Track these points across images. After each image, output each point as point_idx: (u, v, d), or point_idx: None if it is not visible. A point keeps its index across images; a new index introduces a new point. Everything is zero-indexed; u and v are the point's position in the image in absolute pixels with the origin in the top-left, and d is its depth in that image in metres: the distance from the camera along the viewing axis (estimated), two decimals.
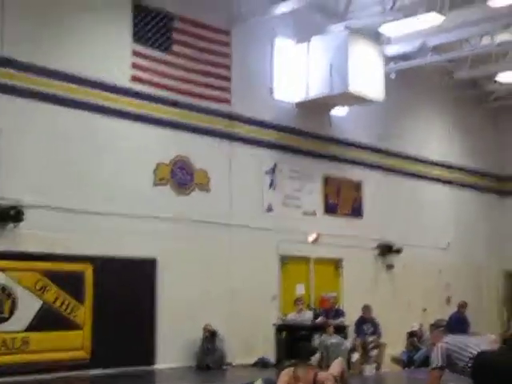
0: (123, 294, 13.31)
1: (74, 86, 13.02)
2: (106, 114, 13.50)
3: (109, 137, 13.57)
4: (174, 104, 14.61)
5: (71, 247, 12.63)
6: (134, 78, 13.97)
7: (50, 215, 12.44)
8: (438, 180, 20.96)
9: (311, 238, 16.97)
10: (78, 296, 12.76)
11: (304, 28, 17.00)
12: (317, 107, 17.27)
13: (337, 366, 8.61)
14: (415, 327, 15.27)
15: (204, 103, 15.18)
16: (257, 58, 16.49)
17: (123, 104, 13.78)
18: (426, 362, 14.51)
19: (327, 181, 17.81)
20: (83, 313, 12.76)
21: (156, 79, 14.31)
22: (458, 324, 16.81)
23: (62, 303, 12.52)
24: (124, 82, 13.81)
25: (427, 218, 20.28)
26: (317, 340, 13.99)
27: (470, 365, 6.88)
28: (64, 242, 12.50)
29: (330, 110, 17.84)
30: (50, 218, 12.43)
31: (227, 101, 15.64)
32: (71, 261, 12.69)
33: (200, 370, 13.72)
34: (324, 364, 12.20)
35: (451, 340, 7.19)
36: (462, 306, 17.10)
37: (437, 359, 7.03)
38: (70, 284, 12.65)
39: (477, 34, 17.64)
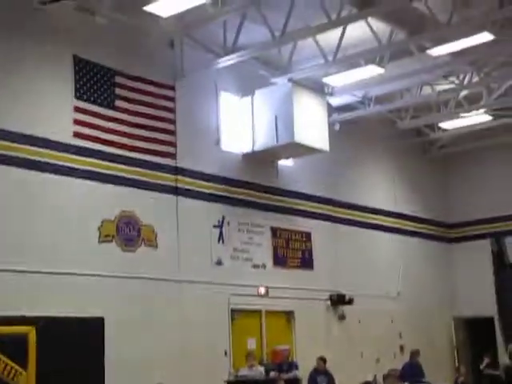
0: (69, 356, 12.75)
1: (11, 143, 12.73)
2: (48, 171, 13.18)
3: (51, 194, 13.25)
4: (118, 159, 14.42)
5: (12, 308, 12.20)
6: (77, 134, 13.74)
7: None
8: (386, 229, 21.10)
9: (261, 290, 16.83)
10: (21, 360, 12.22)
11: (248, 81, 17.17)
12: (263, 158, 17.34)
13: None
14: (369, 377, 15.11)
15: (149, 158, 15.03)
16: (202, 111, 16.50)
17: (66, 160, 13.49)
18: None
19: (276, 232, 17.75)
20: (26, 378, 12.25)
21: (99, 135, 14.11)
22: (411, 372, 16.79)
23: (4, 369, 11.97)
24: (66, 138, 13.59)
25: (377, 267, 20.34)
26: None
27: None
28: (4, 302, 12.07)
29: (276, 162, 17.92)
30: None
31: (172, 155, 15.54)
32: (12, 323, 12.22)
33: None
34: None
35: None
36: (415, 353, 17.10)
37: None
38: (12, 348, 12.12)
39: (417, 83, 18.10)
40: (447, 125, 20.91)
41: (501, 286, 21.51)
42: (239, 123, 17.14)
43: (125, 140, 14.57)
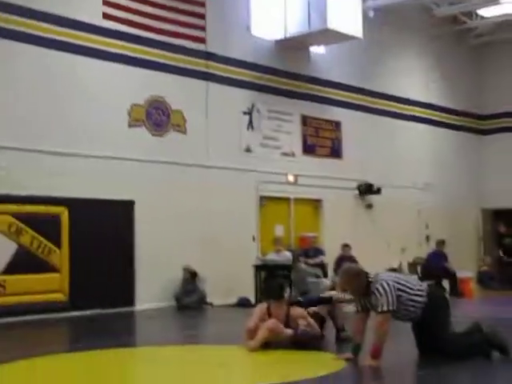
0: (100, 237, 13.20)
1: (42, 23, 12.67)
2: (78, 53, 13.16)
3: (80, 76, 13.26)
4: (148, 42, 14.29)
5: (45, 190, 12.47)
6: (106, 16, 13.59)
7: (21, 157, 12.24)
8: (417, 119, 20.84)
9: (290, 178, 16.92)
10: (55, 239, 12.63)
11: None
12: (295, 45, 17.01)
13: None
14: (394, 265, 15.35)
15: (179, 42, 14.86)
16: None
17: (95, 42, 13.43)
18: None
19: (306, 121, 17.63)
20: (60, 255, 12.67)
21: (129, 17, 13.94)
22: (436, 260, 16.98)
23: (39, 246, 12.40)
24: (96, 19, 13.45)
25: (406, 158, 20.23)
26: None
27: (421, 300, 6.83)
28: (38, 184, 12.33)
29: (309, 49, 17.60)
30: (21, 160, 12.23)
31: (202, 39, 15.31)
32: (46, 203, 12.53)
33: (180, 310, 13.74)
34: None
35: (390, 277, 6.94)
36: (440, 243, 17.24)
37: (392, 302, 6.66)
38: (46, 227, 12.49)
39: None
40: (486, 12, 20.19)
41: None
42: (271, 8, 16.73)
43: (154, 23, 14.39)
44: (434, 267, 16.67)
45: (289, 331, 7.63)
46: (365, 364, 6.58)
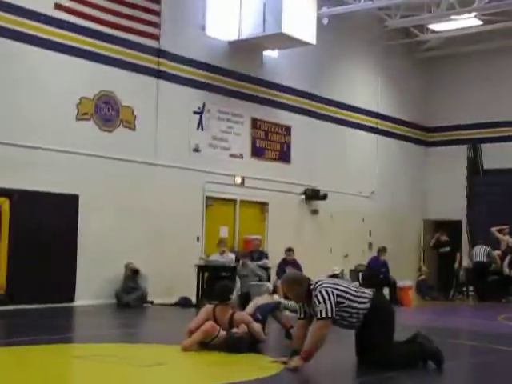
0: (43, 231, 13.01)
1: None
2: (27, 42, 12.96)
3: (29, 66, 13.05)
4: (100, 36, 14.14)
5: None
6: (58, 7, 13.40)
7: None
8: (365, 128, 21.10)
9: (237, 180, 16.95)
10: None
11: None
12: (249, 48, 17.07)
13: (252, 306, 8.65)
14: (336, 270, 15.50)
15: (132, 37, 14.76)
16: None
17: (46, 33, 13.25)
18: None
19: (256, 123, 17.68)
20: None
21: (82, 9, 13.78)
22: (376, 267, 17.17)
23: None
24: (47, 9, 13.25)
25: (353, 165, 20.47)
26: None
27: (363, 307, 6.80)
28: None
29: (262, 52, 17.66)
30: None
31: (156, 36, 15.24)
32: None
33: (120, 307, 13.62)
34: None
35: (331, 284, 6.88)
36: (381, 250, 17.46)
37: (330, 309, 6.62)
38: None
39: None
40: (437, 27, 20.62)
41: (472, 192, 21.83)
42: (227, 9, 16.74)
43: (108, 16, 14.25)
44: (375, 275, 16.90)
45: (223, 334, 7.63)
46: (290, 364, 6.54)
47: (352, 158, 20.50)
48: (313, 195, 18.86)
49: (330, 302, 6.61)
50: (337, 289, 6.75)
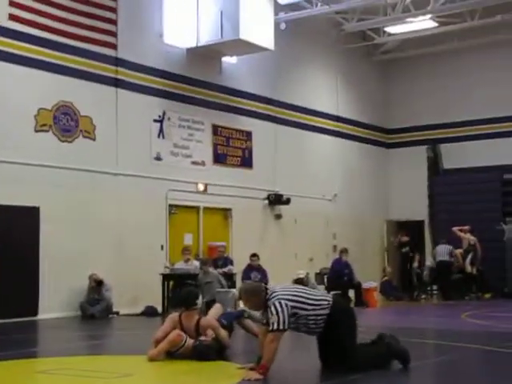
0: (3, 243, 12.84)
1: None
2: None
3: None
4: (57, 46, 14.01)
5: None
6: (13, 17, 13.25)
7: None
8: (326, 131, 21.24)
9: (200, 187, 16.93)
10: None
11: None
12: (207, 55, 17.08)
13: (215, 310, 8.64)
14: (301, 274, 15.52)
15: (88, 47, 14.65)
16: (145, 1, 16.04)
17: (1, 44, 13.08)
18: None
19: (217, 130, 17.68)
20: None
21: (37, 19, 13.64)
22: (339, 267, 17.24)
23: None
24: (1, 20, 13.10)
25: (315, 169, 20.57)
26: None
27: (323, 313, 6.75)
28: None
29: (220, 58, 17.67)
30: None
31: (113, 45, 15.15)
32: None
33: (85, 319, 13.49)
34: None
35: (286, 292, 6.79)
36: (343, 251, 17.56)
37: (282, 321, 6.53)
38: None
39: None
40: (393, 29, 20.87)
41: (433, 192, 22.09)
42: (184, 16, 16.71)
43: (64, 26, 14.14)
44: (339, 276, 17.01)
45: (190, 342, 7.61)
46: (247, 376, 6.45)
47: (314, 161, 20.61)
48: (276, 200, 18.91)
49: (283, 315, 6.53)
50: (291, 300, 6.65)
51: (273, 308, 6.56)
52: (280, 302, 6.57)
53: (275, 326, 6.53)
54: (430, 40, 21.18)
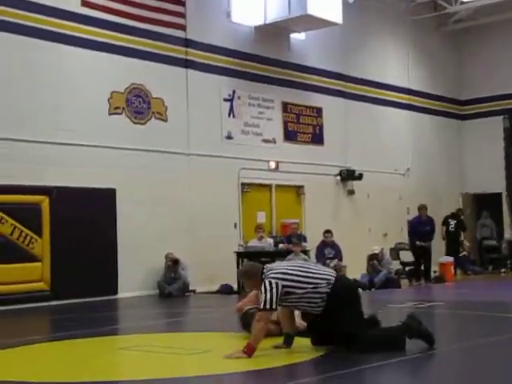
0: (83, 226, 13.17)
1: (21, 11, 12.57)
2: (56, 41, 13.10)
3: (59, 64, 13.20)
4: (127, 30, 14.22)
5: (26, 178, 12.40)
6: (85, 3, 13.50)
7: (1, 146, 12.16)
8: (397, 105, 20.90)
9: (272, 164, 16.95)
10: (36, 228, 12.58)
11: None
12: (275, 31, 17.02)
13: None
14: (376, 250, 15.40)
15: (158, 29, 14.80)
16: None
17: (74, 30, 13.37)
18: (386, 284, 14.80)
19: (287, 107, 17.63)
20: (41, 245, 12.62)
21: (108, 4, 13.86)
22: (420, 226, 16.65)
23: (20, 235, 12.34)
24: (74, 6, 13.36)
25: (387, 143, 20.29)
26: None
27: (322, 291, 6.42)
28: (18, 173, 12.25)
29: (289, 35, 17.57)
30: (1, 149, 12.15)
31: (182, 26, 15.26)
32: (26, 192, 12.46)
33: (163, 297, 13.76)
34: None
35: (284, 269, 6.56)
36: (421, 208, 16.92)
37: (269, 300, 6.33)
38: (27, 216, 12.45)
39: None
40: None
41: (511, 163, 21.48)
42: None
43: (133, 10, 14.32)
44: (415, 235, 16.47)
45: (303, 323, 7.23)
46: (232, 355, 6.31)
47: (385, 136, 20.32)
48: (348, 176, 18.77)
49: (271, 294, 6.32)
50: (284, 278, 6.40)
51: (263, 286, 6.38)
52: (270, 281, 6.37)
53: (261, 305, 6.38)
54: (504, 6, 20.44)
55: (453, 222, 18.83)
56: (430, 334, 6.44)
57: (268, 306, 6.34)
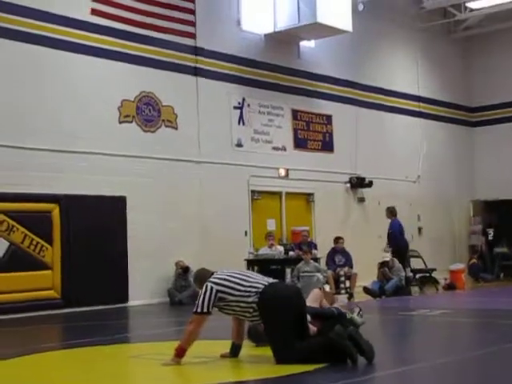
0: (93, 233, 13.20)
1: (29, 20, 12.65)
2: (67, 50, 13.17)
3: (70, 72, 13.26)
4: (137, 38, 14.28)
5: (37, 187, 12.45)
6: (95, 12, 13.56)
7: (11, 154, 12.24)
8: (407, 112, 20.87)
9: (281, 172, 16.95)
10: (46, 236, 12.61)
11: None
12: (285, 39, 17.06)
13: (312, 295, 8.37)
14: (387, 257, 15.33)
15: (168, 37, 14.86)
16: None
17: (84, 38, 13.43)
18: (397, 291, 14.74)
19: (297, 115, 17.64)
20: (52, 252, 12.64)
21: (118, 13, 13.92)
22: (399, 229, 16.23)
23: (30, 243, 12.38)
24: (84, 15, 13.43)
25: (398, 150, 20.26)
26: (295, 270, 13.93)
27: (250, 301, 6.33)
28: (29, 181, 12.30)
29: (298, 43, 17.60)
30: (12, 158, 12.23)
31: (192, 35, 15.31)
32: (37, 201, 12.50)
33: (173, 305, 13.75)
34: None
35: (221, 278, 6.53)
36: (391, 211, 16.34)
37: (201, 304, 6.38)
38: (37, 224, 12.48)
39: None
40: (475, 4, 20.25)
41: None
42: (260, 2, 16.72)
43: (143, 18, 14.38)
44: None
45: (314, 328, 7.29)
46: (166, 362, 6.40)
47: (396, 143, 20.30)
48: (358, 183, 18.74)
49: (204, 297, 6.36)
50: (220, 284, 6.40)
51: (200, 291, 6.45)
52: (207, 285, 6.41)
53: (194, 308, 6.44)
54: None
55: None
56: (353, 353, 6.06)
57: (199, 310, 6.40)
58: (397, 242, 15.68)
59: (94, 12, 13.54)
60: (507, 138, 21.77)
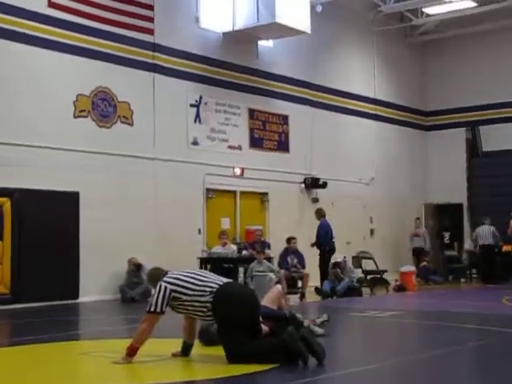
0: (44, 229, 13.03)
1: None
2: (23, 42, 12.97)
3: (25, 65, 13.08)
4: (95, 33, 14.14)
5: None
6: (52, 5, 13.39)
7: None
8: (363, 114, 21.08)
9: (237, 171, 16.97)
10: None
11: None
12: (244, 38, 17.07)
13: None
14: (339, 258, 15.48)
15: (126, 33, 14.75)
16: None
17: (41, 31, 13.27)
18: (348, 292, 14.89)
19: (253, 114, 17.68)
20: (2, 247, 12.45)
21: (75, 6, 13.77)
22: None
23: None
24: (42, 8, 13.25)
25: (352, 152, 20.46)
26: (248, 270, 13.94)
27: (204, 300, 6.35)
28: None
29: (257, 42, 17.64)
30: None
31: (150, 31, 15.22)
32: None
33: (125, 302, 13.67)
34: None
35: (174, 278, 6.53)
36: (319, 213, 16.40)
37: (154, 304, 6.37)
38: None
39: None
40: (431, 10, 20.57)
41: (472, 174, 21.86)
42: (220, 1, 16.70)
43: (101, 12, 14.25)
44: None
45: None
46: (117, 360, 6.44)
47: (351, 145, 20.49)
48: (313, 184, 18.87)
49: (157, 297, 6.37)
50: (173, 283, 6.41)
51: (153, 290, 6.51)
52: (160, 285, 6.44)
53: (147, 308, 6.48)
54: (469, 20, 20.81)
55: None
56: (304, 354, 6.11)
57: (153, 309, 6.41)
58: (320, 241, 15.76)
59: (52, 5, 13.36)
60: (458, 142, 22.17)
